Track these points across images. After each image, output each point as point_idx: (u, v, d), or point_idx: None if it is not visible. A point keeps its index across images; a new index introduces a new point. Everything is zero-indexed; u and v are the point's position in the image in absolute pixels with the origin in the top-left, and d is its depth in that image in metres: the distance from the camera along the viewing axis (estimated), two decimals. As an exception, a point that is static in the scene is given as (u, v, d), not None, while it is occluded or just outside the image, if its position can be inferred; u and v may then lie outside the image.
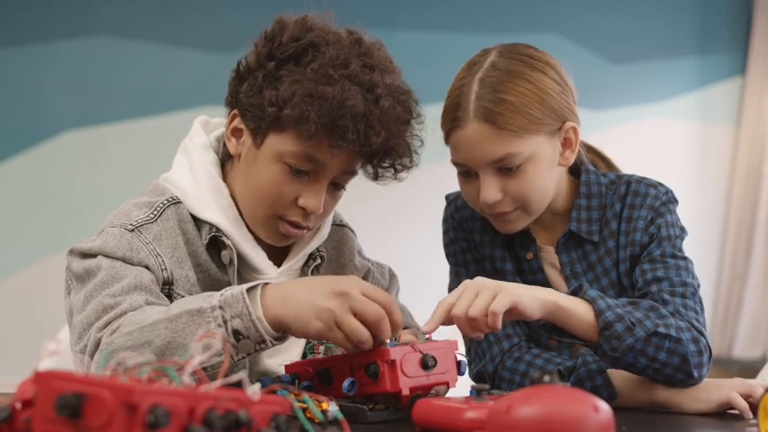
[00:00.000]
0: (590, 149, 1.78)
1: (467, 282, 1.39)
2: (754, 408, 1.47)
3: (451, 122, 1.56)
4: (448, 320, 1.38)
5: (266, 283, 1.28)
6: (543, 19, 4.87)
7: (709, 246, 5.07)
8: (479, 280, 1.39)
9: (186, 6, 4.62)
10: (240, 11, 4.40)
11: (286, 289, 1.27)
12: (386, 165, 1.51)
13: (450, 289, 1.73)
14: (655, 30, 5.10)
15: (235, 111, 1.51)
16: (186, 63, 4.50)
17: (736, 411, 1.49)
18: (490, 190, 1.55)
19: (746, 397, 1.49)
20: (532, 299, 1.39)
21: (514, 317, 1.40)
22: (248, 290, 1.25)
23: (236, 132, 1.53)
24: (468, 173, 1.59)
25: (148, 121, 4.52)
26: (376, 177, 1.53)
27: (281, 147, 1.44)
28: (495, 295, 1.35)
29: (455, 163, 1.60)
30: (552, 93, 1.55)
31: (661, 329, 1.46)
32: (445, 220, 1.76)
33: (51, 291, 1.53)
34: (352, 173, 1.51)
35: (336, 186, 1.51)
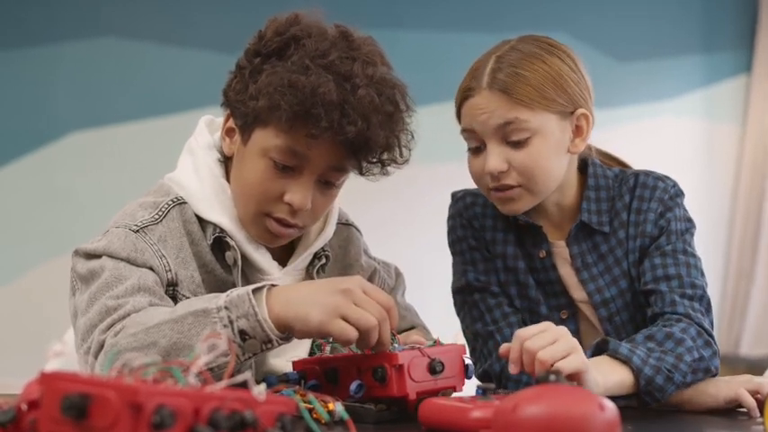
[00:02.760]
0: (606, 155, 1.78)
1: (549, 324, 1.36)
2: (761, 405, 1.47)
3: (465, 92, 1.57)
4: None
5: (272, 285, 1.29)
6: (548, 17, 4.86)
7: (715, 244, 5.06)
8: (562, 330, 1.35)
9: (192, 7, 4.63)
10: (246, 11, 4.39)
11: (290, 291, 1.28)
12: (373, 159, 1.49)
13: (454, 285, 1.72)
14: (660, 28, 5.09)
15: (228, 111, 1.52)
16: (192, 63, 4.51)
17: (744, 409, 1.49)
18: (496, 159, 1.55)
19: (754, 394, 1.50)
20: (594, 380, 1.36)
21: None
22: (254, 291, 1.26)
23: (230, 132, 1.53)
24: (477, 148, 1.59)
25: (154, 122, 4.53)
26: (361, 172, 1.51)
27: (265, 142, 1.44)
28: (569, 354, 1.32)
29: (464, 131, 1.60)
30: (567, 77, 1.57)
31: (687, 358, 1.48)
32: (452, 218, 1.75)
33: (57, 292, 1.54)
34: (340, 169, 1.48)
35: (327, 185, 1.49)
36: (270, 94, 1.39)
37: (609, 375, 1.42)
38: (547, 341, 1.32)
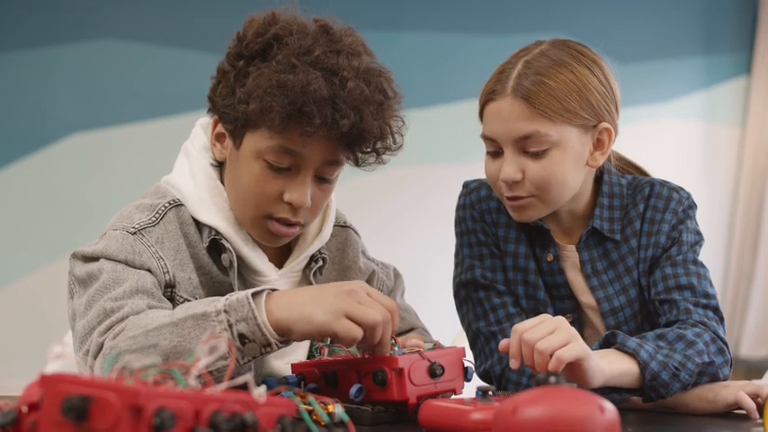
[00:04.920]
0: (623, 160, 1.77)
1: (545, 315, 1.37)
2: (760, 408, 1.47)
3: (488, 95, 1.57)
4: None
5: (272, 290, 1.29)
6: (549, 19, 4.86)
7: (715, 245, 5.05)
8: (560, 320, 1.36)
9: (192, 9, 4.63)
10: (245, 13, 4.39)
11: (292, 295, 1.28)
12: (367, 150, 1.49)
13: (459, 279, 1.70)
14: (660, 30, 5.09)
15: (216, 116, 1.51)
16: (192, 65, 4.50)
17: (743, 411, 1.49)
18: (511, 168, 1.54)
19: (754, 397, 1.50)
20: (597, 367, 1.36)
21: (573, 376, 1.36)
22: (253, 294, 1.26)
23: (220, 138, 1.53)
24: (496, 153, 1.58)
25: (155, 124, 4.53)
26: (357, 163, 1.51)
27: (258, 144, 1.44)
28: (568, 342, 1.32)
29: (484, 137, 1.59)
30: (593, 89, 1.55)
31: (697, 360, 1.48)
32: (463, 208, 1.73)
33: (59, 293, 1.55)
34: (336, 162, 1.48)
35: (323, 180, 1.49)
36: (260, 96, 1.38)
37: (614, 366, 1.42)
38: (545, 331, 1.32)
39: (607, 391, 1.46)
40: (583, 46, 1.61)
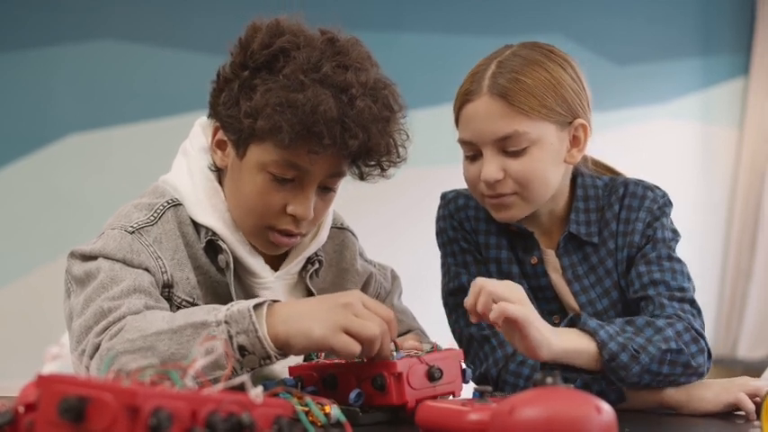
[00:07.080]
0: (599, 164, 1.78)
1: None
2: (758, 407, 1.47)
3: (464, 97, 1.57)
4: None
5: (273, 301, 1.29)
6: (547, 21, 4.87)
7: (713, 245, 5.06)
8: (519, 287, 1.40)
9: (191, 10, 4.63)
10: (245, 14, 4.38)
11: (291, 307, 1.28)
12: (371, 164, 1.49)
13: (447, 288, 1.70)
14: (658, 31, 5.10)
15: (217, 123, 1.50)
16: (192, 66, 4.51)
17: (741, 412, 1.49)
18: (492, 168, 1.54)
19: (752, 397, 1.50)
20: (541, 337, 1.37)
21: (520, 344, 1.38)
22: (255, 306, 1.26)
23: (220, 144, 1.52)
24: (474, 156, 1.59)
25: (154, 124, 4.53)
26: (362, 177, 1.51)
27: (262, 157, 1.43)
28: (518, 303, 1.35)
29: (462, 141, 1.60)
30: (567, 86, 1.56)
31: (662, 346, 1.47)
32: (443, 219, 1.74)
33: (59, 293, 1.55)
34: (339, 174, 1.49)
35: (325, 190, 1.49)
36: (269, 115, 1.37)
37: (566, 341, 1.42)
38: (503, 286, 1.37)
39: (591, 380, 1.47)
40: (552, 46, 1.62)
